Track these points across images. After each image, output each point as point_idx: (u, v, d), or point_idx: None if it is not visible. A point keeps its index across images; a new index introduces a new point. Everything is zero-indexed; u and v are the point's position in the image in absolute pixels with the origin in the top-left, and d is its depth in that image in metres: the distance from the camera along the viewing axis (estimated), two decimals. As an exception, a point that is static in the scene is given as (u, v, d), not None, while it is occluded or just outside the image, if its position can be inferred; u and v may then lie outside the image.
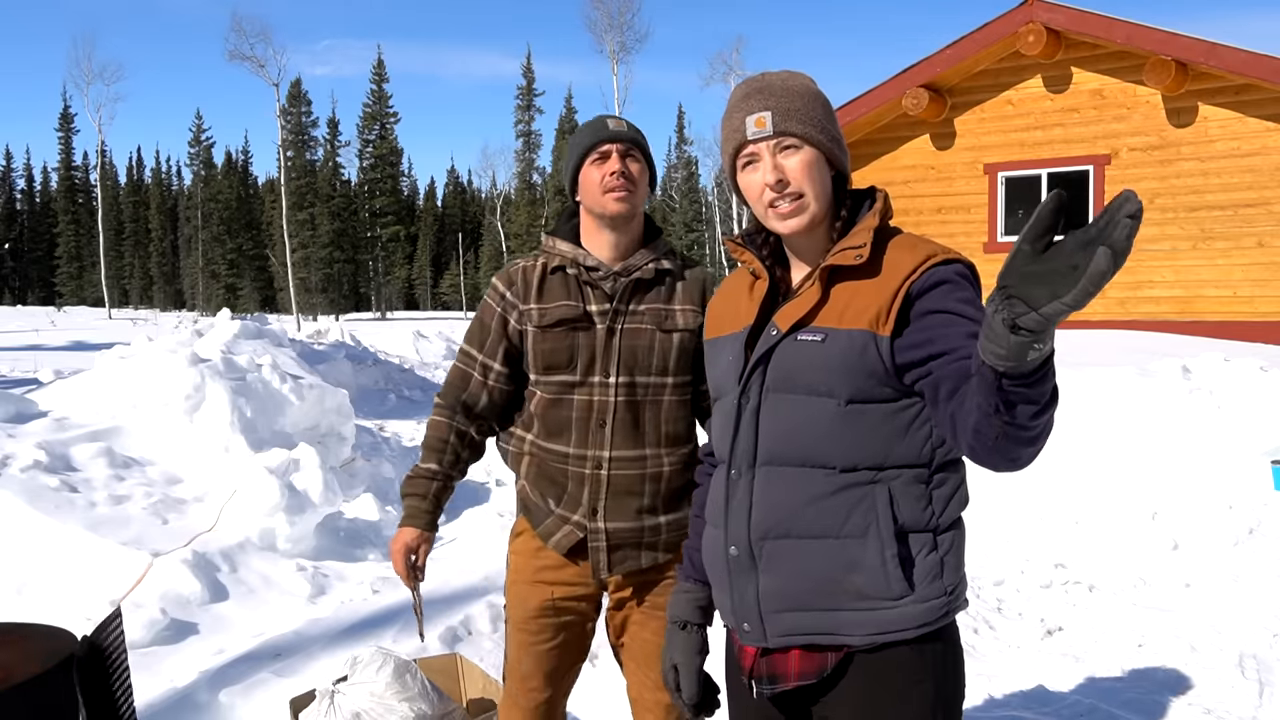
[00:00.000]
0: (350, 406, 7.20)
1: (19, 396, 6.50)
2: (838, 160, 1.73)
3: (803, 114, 1.69)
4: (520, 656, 2.43)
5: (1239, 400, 6.36)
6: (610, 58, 47.99)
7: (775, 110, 1.69)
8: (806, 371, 1.64)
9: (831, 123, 1.73)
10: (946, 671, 1.67)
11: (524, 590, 2.40)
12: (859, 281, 1.65)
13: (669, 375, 2.28)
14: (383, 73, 68.20)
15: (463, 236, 79.43)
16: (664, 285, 2.31)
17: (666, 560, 2.33)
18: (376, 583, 4.98)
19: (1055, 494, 5.84)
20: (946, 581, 1.64)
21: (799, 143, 1.68)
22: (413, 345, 14.05)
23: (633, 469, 2.28)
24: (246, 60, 46.18)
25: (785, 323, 1.68)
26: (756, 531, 1.68)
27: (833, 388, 1.62)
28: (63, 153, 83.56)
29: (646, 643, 2.35)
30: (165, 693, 3.55)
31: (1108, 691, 3.78)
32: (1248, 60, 10.75)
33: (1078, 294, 1.09)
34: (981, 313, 1.57)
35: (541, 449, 2.34)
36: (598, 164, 2.28)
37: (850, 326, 1.62)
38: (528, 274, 2.36)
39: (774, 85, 1.72)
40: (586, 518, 2.29)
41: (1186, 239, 11.70)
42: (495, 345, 2.38)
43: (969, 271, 1.65)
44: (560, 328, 2.29)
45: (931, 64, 12.67)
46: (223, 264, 73.24)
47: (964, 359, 1.51)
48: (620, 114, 13.13)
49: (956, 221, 13.10)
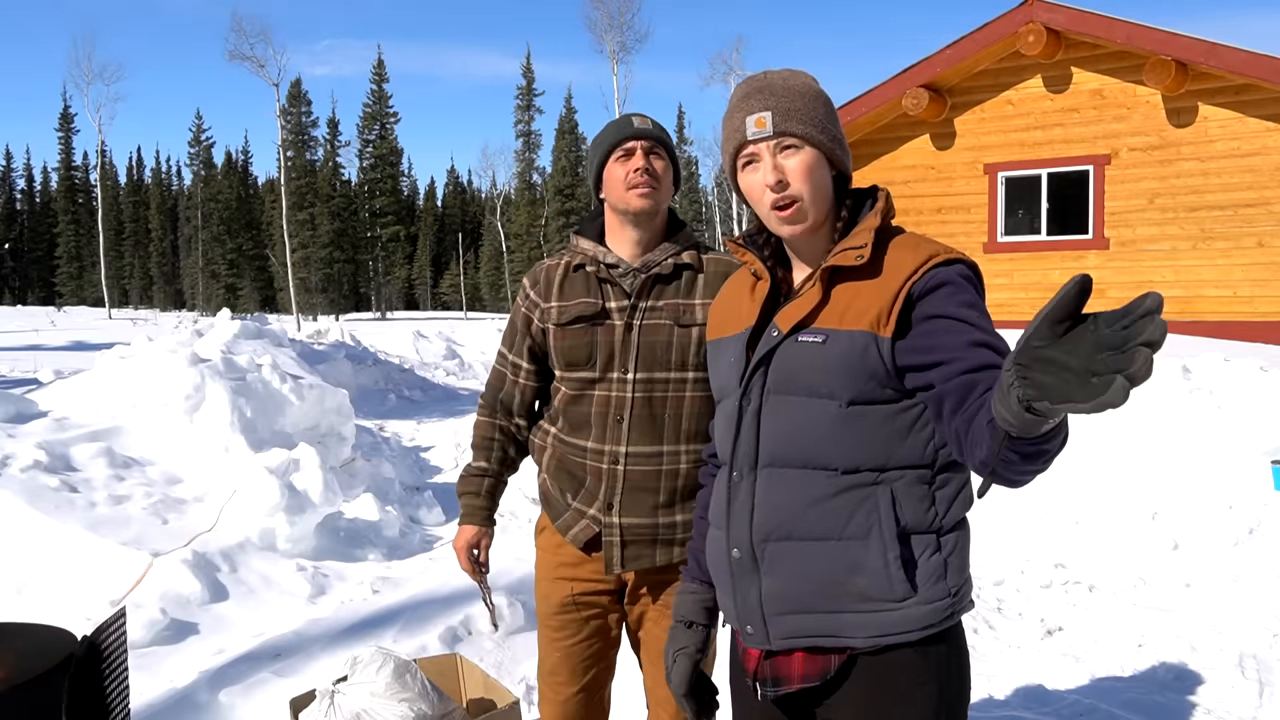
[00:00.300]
0: (350, 406, 7.20)
1: (19, 396, 6.50)
2: (839, 160, 1.72)
3: (803, 114, 1.68)
4: (548, 652, 2.47)
5: (1239, 400, 6.36)
6: (610, 58, 47.98)
7: (775, 110, 1.68)
8: (808, 373, 1.64)
9: (833, 122, 1.72)
10: (951, 673, 1.66)
11: (546, 587, 2.44)
12: (860, 282, 1.64)
13: (688, 370, 2.28)
14: (383, 73, 68.18)
15: (463, 236, 79.43)
16: (683, 280, 2.32)
17: (682, 558, 2.33)
18: (376, 583, 4.98)
19: (1055, 494, 5.84)
20: (950, 583, 1.64)
21: (799, 143, 1.68)
22: (413, 345, 14.06)
23: (649, 465, 2.29)
24: (246, 60, 46.18)
25: (786, 324, 1.67)
26: (759, 534, 1.68)
27: (834, 389, 1.62)
28: (63, 153, 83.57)
29: (660, 640, 2.35)
30: (165, 693, 3.55)
31: (1108, 691, 3.78)
32: (1248, 60, 10.75)
33: (1090, 408, 1.08)
34: (984, 316, 1.57)
35: (563, 443, 2.37)
36: (622, 161, 2.30)
37: (851, 328, 1.61)
38: (550, 272, 2.40)
39: (775, 85, 1.71)
40: (602, 512, 2.31)
41: (1186, 239, 11.70)
42: (521, 344, 2.44)
43: (971, 272, 1.64)
44: (579, 324, 2.31)
45: (931, 64, 12.66)
46: (223, 264, 73.22)
47: (965, 371, 1.51)
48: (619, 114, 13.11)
49: (956, 221, 13.10)
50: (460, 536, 2.52)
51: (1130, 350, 1.03)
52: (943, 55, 12.58)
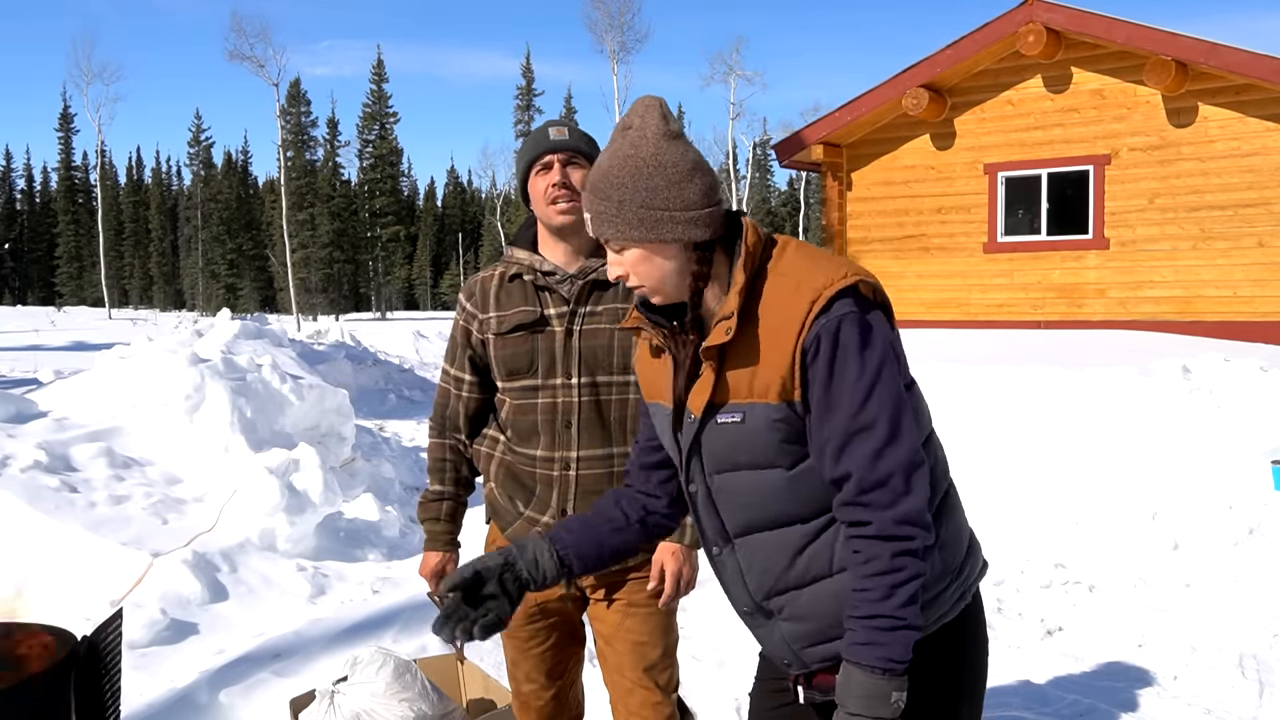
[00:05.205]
0: (350, 406, 7.20)
1: (19, 396, 6.50)
2: (669, 238, 1.61)
3: (614, 215, 1.62)
4: (518, 661, 2.49)
5: (1239, 400, 6.36)
6: (610, 58, 47.99)
7: (592, 215, 1.65)
8: (741, 452, 1.64)
9: (655, 198, 1.60)
10: (967, 654, 1.72)
11: None
12: (750, 344, 1.60)
13: (631, 373, 2.30)
14: (382, 73, 68.16)
15: (463, 236, 79.44)
16: (620, 285, 2.31)
17: (636, 562, 2.35)
18: (376, 583, 4.98)
19: (1055, 494, 5.84)
20: (949, 568, 1.68)
21: (619, 244, 1.65)
22: (413, 345, 14.07)
23: (600, 468, 2.31)
24: (246, 60, 46.23)
25: (697, 407, 1.66)
26: (758, 594, 1.72)
27: (772, 460, 1.62)
28: (63, 153, 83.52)
29: (620, 639, 2.38)
30: (165, 693, 3.55)
31: (1108, 691, 3.78)
32: (1248, 60, 10.75)
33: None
34: (857, 373, 1.54)
35: (512, 452, 2.38)
36: (542, 174, 2.32)
37: (762, 400, 1.60)
38: (485, 284, 2.42)
39: (596, 181, 1.64)
40: (556, 518, 2.32)
41: (1186, 239, 11.70)
42: (463, 357, 2.45)
43: (854, 302, 1.57)
44: (518, 333, 2.33)
45: (931, 64, 12.66)
46: (223, 264, 73.22)
47: (829, 480, 1.59)
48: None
49: (956, 221, 13.10)
50: (425, 564, 2.51)
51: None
52: (943, 55, 12.58)
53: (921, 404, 1.69)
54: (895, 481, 1.53)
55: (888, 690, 1.51)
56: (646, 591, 2.34)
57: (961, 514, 1.75)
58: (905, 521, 1.53)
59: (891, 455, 1.54)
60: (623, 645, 2.36)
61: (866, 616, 1.53)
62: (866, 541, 1.55)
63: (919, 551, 1.54)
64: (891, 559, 1.53)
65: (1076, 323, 12.14)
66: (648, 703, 2.35)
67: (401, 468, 7.33)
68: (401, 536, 5.86)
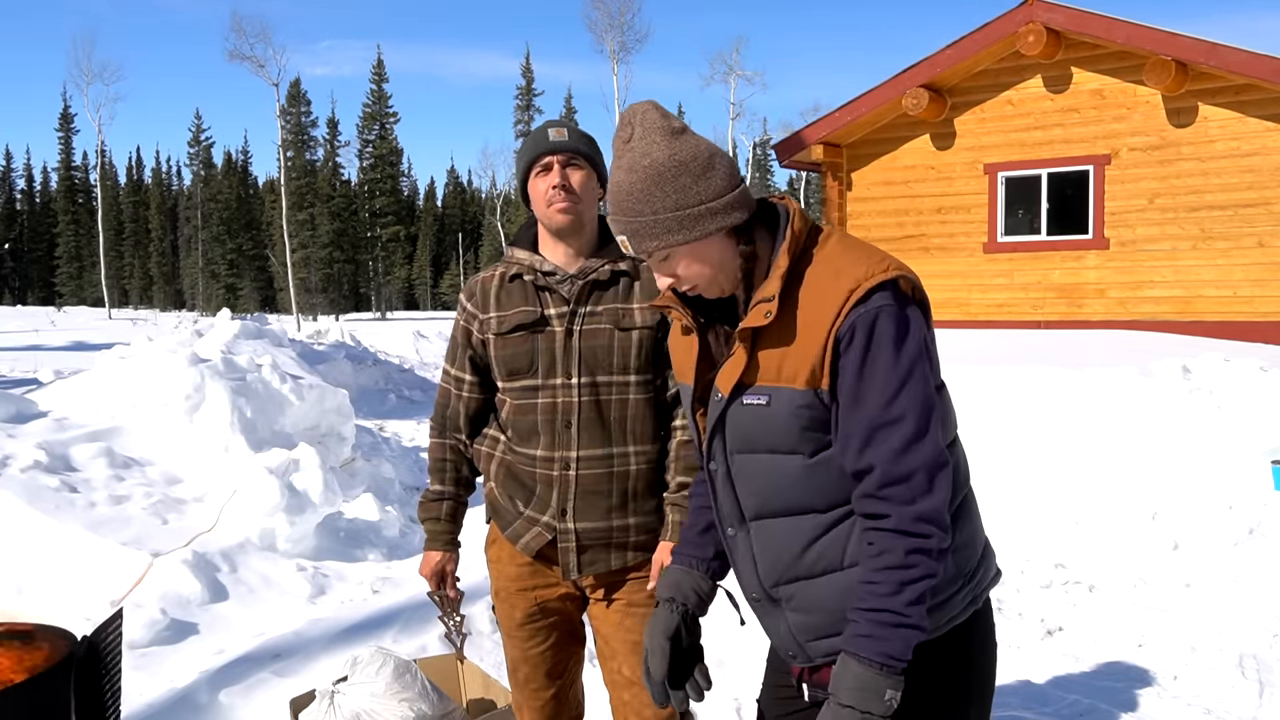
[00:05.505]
0: (350, 406, 7.20)
1: (19, 396, 6.50)
2: (713, 230, 1.62)
3: (652, 226, 1.61)
4: (518, 662, 2.49)
5: (1239, 400, 6.36)
6: (610, 58, 48.04)
7: (629, 234, 1.64)
8: (764, 435, 1.64)
9: (686, 197, 1.60)
10: (975, 658, 1.72)
11: (509, 601, 2.46)
12: (785, 328, 1.60)
13: (630, 373, 2.31)
14: (382, 73, 68.16)
15: (463, 236, 79.43)
16: (620, 285, 2.34)
17: (636, 561, 2.36)
18: (376, 583, 4.98)
19: (1055, 494, 5.84)
20: (962, 571, 1.67)
21: (664, 253, 1.64)
22: (413, 345, 14.08)
23: (600, 468, 2.31)
24: (246, 60, 46.25)
25: (725, 387, 1.66)
26: (767, 580, 1.72)
27: (794, 446, 1.62)
28: (63, 153, 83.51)
29: (620, 636, 2.38)
30: (165, 693, 3.55)
31: (1108, 691, 3.78)
32: (1248, 60, 10.74)
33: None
34: (890, 367, 1.53)
35: (512, 452, 2.39)
36: (541, 176, 2.32)
37: (790, 385, 1.59)
38: (485, 284, 2.42)
39: (620, 200, 1.63)
40: (555, 518, 2.33)
41: (1186, 239, 11.69)
42: (463, 357, 2.46)
43: (893, 296, 1.56)
44: (519, 333, 2.33)
45: (931, 64, 12.66)
46: (223, 264, 73.21)
47: (850, 473, 1.59)
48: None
49: (956, 221, 13.09)
50: (425, 564, 2.52)
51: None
52: (943, 55, 12.57)
53: (950, 408, 1.68)
54: (918, 478, 1.52)
55: (883, 686, 1.50)
56: (646, 591, 2.34)
57: (978, 520, 1.74)
58: (923, 519, 1.52)
59: (917, 452, 1.53)
60: (622, 645, 2.36)
61: (872, 609, 1.53)
62: (882, 535, 1.54)
63: (934, 551, 1.53)
64: (905, 555, 1.52)
65: (1076, 323, 12.14)
66: (648, 702, 2.35)
67: (401, 468, 7.34)
68: (401, 536, 5.86)
